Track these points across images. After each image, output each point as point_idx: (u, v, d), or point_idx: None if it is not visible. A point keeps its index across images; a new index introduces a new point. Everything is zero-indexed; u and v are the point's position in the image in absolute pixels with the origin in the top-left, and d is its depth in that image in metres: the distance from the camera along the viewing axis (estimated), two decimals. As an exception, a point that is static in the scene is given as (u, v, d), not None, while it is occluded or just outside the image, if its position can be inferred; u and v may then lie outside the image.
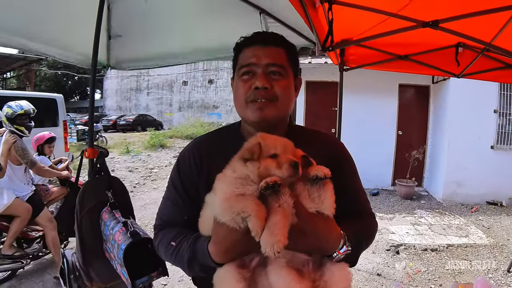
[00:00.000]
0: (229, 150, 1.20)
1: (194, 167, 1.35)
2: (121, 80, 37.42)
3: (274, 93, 1.25)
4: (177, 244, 1.21)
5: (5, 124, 4.34)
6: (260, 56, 1.26)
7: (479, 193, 8.40)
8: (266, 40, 1.30)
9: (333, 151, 1.39)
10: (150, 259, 2.09)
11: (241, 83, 1.28)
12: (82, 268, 2.27)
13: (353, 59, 3.79)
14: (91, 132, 2.69)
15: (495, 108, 8.37)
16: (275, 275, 1.04)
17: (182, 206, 1.34)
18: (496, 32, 2.49)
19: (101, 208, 2.31)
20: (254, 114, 1.25)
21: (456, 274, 4.86)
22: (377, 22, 2.45)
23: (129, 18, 3.05)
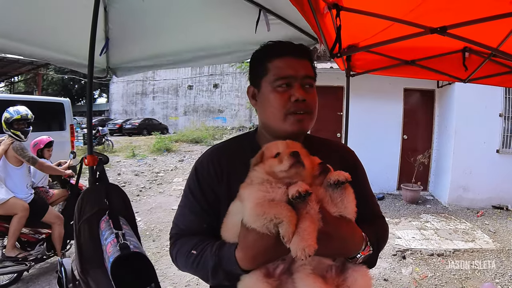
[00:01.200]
0: (247, 159, 1.23)
1: (214, 175, 1.34)
2: (127, 84, 37.56)
3: (310, 105, 1.28)
4: (199, 252, 1.20)
5: (4, 129, 4.46)
6: (297, 68, 1.26)
7: (484, 197, 8.38)
8: (298, 52, 1.31)
9: (346, 159, 1.43)
10: (143, 273, 2.07)
11: (277, 94, 1.26)
12: (81, 277, 2.25)
13: (359, 65, 3.79)
14: (89, 139, 2.65)
15: (501, 112, 8.35)
16: (302, 283, 1.05)
17: (201, 214, 1.33)
18: (503, 37, 2.49)
19: (100, 216, 2.27)
20: (293, 126, 1.25)
21: (462, 279, 4.84)
22: (384, 27, 2.46)
23: (127, 19, 3.02)
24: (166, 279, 4.70)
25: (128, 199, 2.56)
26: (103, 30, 3.08)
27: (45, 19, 2.72)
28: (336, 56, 2.46)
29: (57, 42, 3.02)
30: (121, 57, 3.46)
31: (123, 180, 10.92)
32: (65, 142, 9.07)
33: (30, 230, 4.37)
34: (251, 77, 1.38)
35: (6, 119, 4.42)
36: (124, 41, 3.25)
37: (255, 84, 1.35)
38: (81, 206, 2.30)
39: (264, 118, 1.33)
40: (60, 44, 3.05)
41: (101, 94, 49.24)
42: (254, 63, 1.36)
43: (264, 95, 1.31)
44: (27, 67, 19.71)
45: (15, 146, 4.28)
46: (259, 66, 1.32)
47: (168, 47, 3.42)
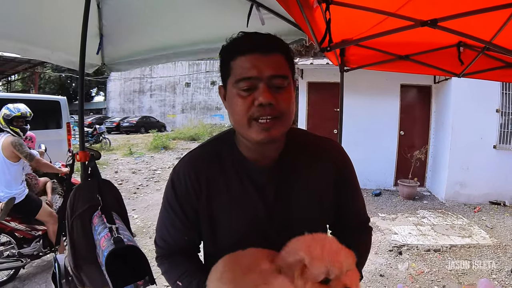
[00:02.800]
0: (227, 166, 1.23)
1: (192, 190, 1.24)
2: (124, 82, 37.57)
3: (279, 109, 1.08)
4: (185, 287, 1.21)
5: (2, 125, 4.44)
6: (261, 67, 1.07)
7: (482, 193, 8.38)
8: (265, 47, 1.10)
9: (337, 165, 1.31)
10: (137, 266, 2.07)
11: (240, 99, 1.09)
12: (74, 272, 2.26)
13: (353, 60, 3.78)
14: (81, 135, 2.64)
15: (498, 107, 8.34)
16: None
17: (181, 228, 1.28)
18: (496, 30, 2.49)
19: (93, 212, 2.28)
20: (259, 134, 1.09)
21: (459, 274, 4.84)
22: (376, 22, 2.45)
23: (121, 15, 3.02)
24: (162, 276, 4.67)
25: (120, 195, 2.58)
26: (97, 27, 3.08)
27: (43, 18, 2.72)
28: (326, 50, 2.44)
29: (56, 41, 3.04)
30: (116, 53, 3.47)
31: (120, 178, 10.91)
32: (62, 140, 9.03)
33: (26, 226, 4.36)
34: (220, 75, 1.20)
35: (6, 115, 4.39)
36: (119, 37, 3.26)
37: (224, 85, 1.19)
38: (73, 202, 2.31)
39: (232, 122, 1.17)
40: (59, 43, 3.06)
41: (98, 92, 49.21)
42: (221, 61, 1.19)
43: (229, 98, 1.15)
44: (24, 65, 19.70)
45: (14, 141, 4.27)
46: (224, 65, 1.16)
47: (162, 42, 3.43)
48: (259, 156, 1.22)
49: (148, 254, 5.10)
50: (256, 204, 1.21)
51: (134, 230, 6.22)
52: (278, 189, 1.22)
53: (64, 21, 2.83)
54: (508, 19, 2.28)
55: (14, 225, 4.27)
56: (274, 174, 1.22)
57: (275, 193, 1.22)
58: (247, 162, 1.23)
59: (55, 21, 2.82)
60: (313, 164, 1.26)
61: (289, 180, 1.23)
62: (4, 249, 4.26)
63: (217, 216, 1.23)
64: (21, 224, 4.32)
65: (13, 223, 4.26)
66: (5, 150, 4.25)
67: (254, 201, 1.21)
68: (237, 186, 1.22)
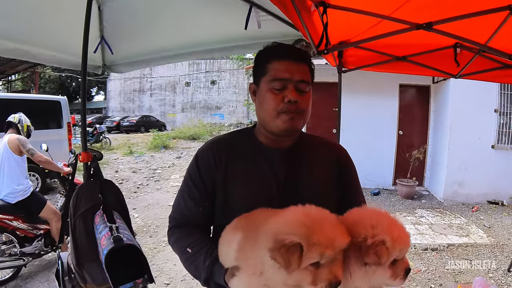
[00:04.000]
0: (245, 149, 1.46)
1: (213, 162, 1.44)
2: (124, 82, 37.54)
3: (301, 107, 1.34)
4: (194, 253, 1.31)
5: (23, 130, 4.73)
6: (293, 72, 1.33)
7: (480, 193, 8.42)
8: (296, 56, 1.37)
9: (339, 158, 1.53)
10: (136, 265, 2.11)
11: (272, 95, 1.33)
12: (76, 270, 2.30)
13: (351, 61, 3.81)
14: (83, 136, 2.70)
15: (496, 107, 8.38)
16: None
17: (198, 199, 1.44)
18: (491, 33, 2.52)
19: (95, 211, 2.33)
20: (284, 123, 1.33)
21: (456, 273, 4.88)
22: (372, 25, 2.48)
23: (121, 17, 3.05)
24: (162, 274, 4.74)
25: (122, 194, 2.62)
26: (98, 29, 3.11)
27: (44, 20, 2.76)
28: (323, 52, 2.48)
29: (58, 43, 3.08)
30: (116, 54, 3.49)
31: (120, 177, 10.93)
32: (62, 140, 9.09)
33: (28, 225, 4.39)
34: (253, 74, 1.46)
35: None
36: (119, 39, 3.28)
37: (256, 82, 1.43)
38: (76, 201, 2.34)
39: (260, 114, 1.41)
40: (61, 44, 3.10)
41: (98, 92, 49.10)
42: (256, 63, 1.43)
43: (261, 93, 1.38)
44: (24, 65, 19.73)
45: (20, 137, 4.51)
46: (260, 66, 1.40)
47: (163, 43, 3.46)
48: (275, 143, 1.45)
49: (149, 253, 5.16)
50: (269, 182, 1.39)
51: (134, 229, 6.26)
52: (289, 170, 1.41)
53: (66, 23, 2.87)
54: (502, 22, 2.31)
55: (16, 224, 4.30)
56: (286, 158, 1.43)
57: (285, 173, 1.41)
58: (263, 145, 1.46)
59: (57, 23, 2.85)
60: (319, 155, 1.50)
61: (298, 165, 1.44)
62: (6, 247, 4.29)
63: (232, 187, 1.41)
64: (23, 223, 4.35)
65: (15, 222, 4.29)
66: (11, 144, 4.42)
67: (267, 178, 1.40)
68: (253, 163, 1.43)
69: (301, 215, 0.97)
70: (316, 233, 0.89)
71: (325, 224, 0.94)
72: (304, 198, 1.14)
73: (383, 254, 0.94)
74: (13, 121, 4.72)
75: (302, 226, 0.91)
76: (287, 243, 0.88)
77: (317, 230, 0.90)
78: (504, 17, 2.25)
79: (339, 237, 0.92)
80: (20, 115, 4.82)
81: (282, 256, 0.88)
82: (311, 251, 0.88)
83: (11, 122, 4.73)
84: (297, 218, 0.95)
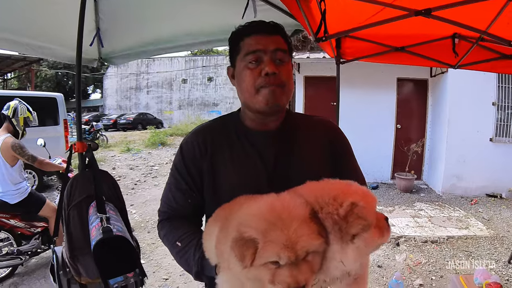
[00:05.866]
0: (231, 136, 1.39)
1: (198, 151, 1.38)
2: (121, 79, 37.50)
3: (282, 79, 1.27)
4: (184, 247, 1.26)
5: (18, 126, 4.42)
6: (266, 43, 1.28)
7: (478, 186, 8.42)
8: (268, 29, 1.32)
9: (331, 134, 1.47)
10: (127, 258, 2.05)
11: (248, 71, 1.28)
12: (71, 263, 2.25)
13: (349, 52, 3.80)
14: (79, 126, 2.66)
15: (494, 101, 8.36)
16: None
17: (186, 190, 1.39)
18: (491, 19, 2.51)
19: (90, 202, 2.27)
20: (266, 99, 1.26)
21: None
22: (371, 14, 2.46)
23: (118, 8, 2.99)
24: (161, 269, 4.72)
25: (118, 185, 2.57)
26: (93, 21, 3.07)
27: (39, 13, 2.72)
28: (321, 40, 2.46)
29: (53, 35, 3.03)
30: (113, 47, 3.45)
31: (118, 174, 10.89)
32: (59, 137, 9.08)
33: (26, 223, 4.34)
34: (229, 58, 1.41)
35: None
36: (116, 31, 3.23)
37: (232, 64, 1.39)
38: (70, 192, 2.30)
39: (241, 95, 1.36)
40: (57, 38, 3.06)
41: (95, 90, 48.93)
42: (230, 44, 1.39)
43: (238, 73, 1.34)
44: (20, 63, 19.65)
45: (14, 145, 4.17)
46: (234, 46, 1.36)
47: (159, 34, 3.41)
48: (261, 126, 1.38)
49: (147, 248, 5.12)
50: (256, 166, 1.33)
51: (132, 225, 6.21)
52: (278, 154, 1.35)
53: (61, 15, 2.82)
54: (502, 8, 2.29)
55: (13, 222, 4.25)
56: (274, 141, 1.37)
57: (275, 157, 1.34)
58: (249, 129, 1.39)
59: (52, 16, 2.81)
60: (309, 134, 1.42)
61: (288, 147, 1.37)
62: (3, 245, 4.26)
63: (219, 175, 1.36)
64: (20, 222, 4.30)
65: (12, 221, 4.24)
66: (3, 152, 4.17)
67: (254, 163, 1.34)
68: (239, 149, 1.36)
69: (266, 208, 0.90)
70: (275, 230, 0.82)
71: (292, 221, 0.84)
72: (295, 182, 1.11)
73: (365, 215, 0.89)
74: (6, 114, 4.34)
75: (263, 220, 0.85)
76: (245, 237, 0.83)
77: (278, 227, 0.83)
78: (504, 3, 2.23)
79: (305, 238, 0.83)
80: (16, 103, 4.43)
81: (238, 249, 0.83)
82: (266, 249, 0.81)
83: (5, 115, 4.35)
84: (261, 211, 0.89)
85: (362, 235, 0.89)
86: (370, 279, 4.49)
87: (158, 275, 4.54)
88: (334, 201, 0.91)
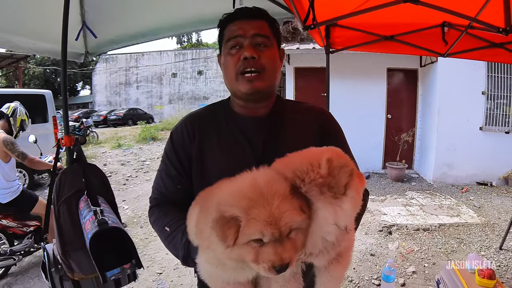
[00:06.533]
0: (220, 122, 1.41)
1: (187, 136, 1.41)
2: (110, 75, 37.14)
3: (262, 63, 1.29)
4: (172, 232, 1.26)
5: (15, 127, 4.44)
6: (246, 28, 1.30)
7: (469, 174, 8.51)
8: (250, 14, 1.34)
9: (321, 119, 1.47)
10: (123, 250, 2.04)
11: (229, 57, 1.31)
12: (63, 259, 2.22)
13: (339, 41, 3.79)
14: (65, 120, 2.61)
15: (483, 90, 8.43)
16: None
17: (175, 176, 1.41)
18: (480, 6, 2.50)
19: (79, 197, 2.25)
20: (245, 86, 1.29)
21: (448, 252, 4.93)
22: (360, 2, 2.45)
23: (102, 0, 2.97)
24: (154, 264, 4.70)
25: (106, 178, 2.55)
26: (79, 14, 3.02)
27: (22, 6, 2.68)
28: (310, 28, 2.44)
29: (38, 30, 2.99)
30: (99, 39, 3.40)
31: (109, 170, 10.83)
32: (48, 134, 8.97)
33: (18, 223, 4.28)
34: (218, 46, 1.44)
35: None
36: (101, 22, 3.18)
37: (220, 52, 1.43)
38: (59, 187, 2.27)
39: (226, 81, 1.39)
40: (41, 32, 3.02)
41: (84, 86, 48.49)
42: (218, 32, 1.42)
43: (223, 60, 1.38)
44: (7, 60, 19.30)
45: (5, 140, 4.12)
46: (220, 34, 1.40)
47: (146, 25, 3.37)
48: (249, 112, 1.40)
49: (140, 243, 5.11)
50: (245, 151, 1.34)
51: (125, 221, 6.21)
52: (267, 140, 1.35)
53: (46, 9, 2.78)
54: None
55: (5, 222, 4.18)
56: (263, 127, 1.38)
57: (263, 143, 1.34)
58: (238, 116, 1.41)
59: (36, 9, 2.77)
60: (299, 119, 1.43)
61: (277, 133, 1.38)
62: (-5, 246, 4.20)
63: (207, 160, 1.37)
64: (13, 221, 4.23)
65: (4, 221, 4.17)
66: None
67: (242, 148, 1.34)
68: (227, 135, 1.38)
69: (246, 185, 0.88)
70: (257, 207, 0.81)
71: (274, 197, 0.83)
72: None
73: (345, 163, 0.91)
74: (5, 112, 4.38)
75: (244, 198, 0.83)
76: (226, 216, 0.82)
77: (260, 204, 0.81)
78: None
79: (287, 214, 0.82)
80: (16, 105, 4.49)
81: (220, 229, 0.82)
82: (249, 227, 0.80)
83: (3, 113, 4.37)
84: (242, 188, 0.88)
85: (351, 183, 0.89)
86: (363, 267, 4.53)
87: (152, 270, 4.53)
88: (311, 166, 0.90)
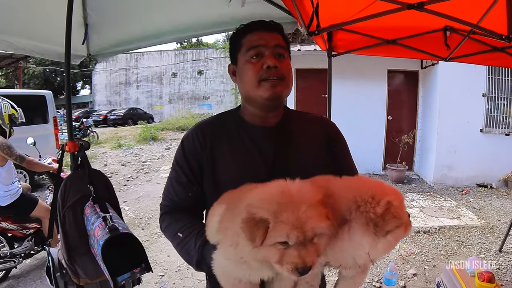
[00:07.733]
0: (231, 131, 1.44)
1: (198, 144, 1.43)
2: (110, 75, 37.11)
3: (282, 72, 1.34)
4: (185, 237, 1.27)
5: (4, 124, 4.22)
6: (267, 39, 1.35)
7: (469, 176, 8.53)
8: (268, 26, 1.40)
9: (328, 130, 1.53)
10: (132, 254, 2.05)
11: (250, 65, 1.35)
12: (68, 265, 2.22)
13: (341, 45, 3.79)
14: (69, 125, 2.61)
15: (484, 92, 8.44)
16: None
17: (186, 184, 1.42)
18: (482, 13, 2.51)
19: (84, 202, 2.25)
20: (267, 91, 1.32)
21: (448, 255, 4.94)
22: (363, 7, 2.46)
23: (105, 3, 2.95)
24: (156, 266, 4.71)
25: (111, 184, 2.55)
26: (81, 17, 3.02)
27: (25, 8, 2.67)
28: (314, 33, 2.46)
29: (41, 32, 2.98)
30: (102, 43, 3.40)
31: (109, 170, 10.82)
32: (49, 135, 8.95)
33: (18, 226, 4.26)
34: (230, 56, 1.48)
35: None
36: (104, 26, 3.17)
37: (233, 61, 1.46)
38: (64, 193, 2.26)
39: (242, 89, 1.42)
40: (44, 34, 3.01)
41: (84, 86, 48.42)
42: (231, 43, 1.46)
43: (240, 68, 1.40)
44: (7, 60, 19.30)
45: (1, 145, 4.00)
46: (235, 44, 1.43)
47: (149, 29, 3.36)
48: (261, 121, 1.44)
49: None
50: (255, 160, 1.38)
51: (126, 222, 6.17)
52: (277, 148, 1.40)
53: (48, 11, 2.77)
54: (494, 2, 2.29)
55: (5, 225, 4.16)
56: (273, 136, 1.42)
57: (274, 152, 1.39)
58: (249, 124, 1.45)
59: (38, 11, 2.76)
60: (307, 129, 1.49)
61: (287, 142, 1.42)
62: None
63: (218, 167, 1.40)
64: (12, 224, 4.20)
65: (4, 224, 4.14)
66: None
67: (253, 156, 1.39)
68: (238, 144, 1.42)
69: (278, 191, 0.92)
70: (286, 212, 0.85)
71: (302, 203, 0.87)
72: (294, 176, 1.11)
73: (400, 214, 0.93)
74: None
75: (275, 202, 0.88)
76: (255, 217, 0.86)
77: (289, 208, 0.85)
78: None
79: (313, 220, 0.86)
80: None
81: (248, 229, 0.86)
82: (277, 230, 0.84)
83: None
84: (273, 193, 0.92)
85: (395, 231, 0.94)
86: (364, 270, 4.52)
87: (154, 272, 4.53)
88: (372, 199, 0.94)
